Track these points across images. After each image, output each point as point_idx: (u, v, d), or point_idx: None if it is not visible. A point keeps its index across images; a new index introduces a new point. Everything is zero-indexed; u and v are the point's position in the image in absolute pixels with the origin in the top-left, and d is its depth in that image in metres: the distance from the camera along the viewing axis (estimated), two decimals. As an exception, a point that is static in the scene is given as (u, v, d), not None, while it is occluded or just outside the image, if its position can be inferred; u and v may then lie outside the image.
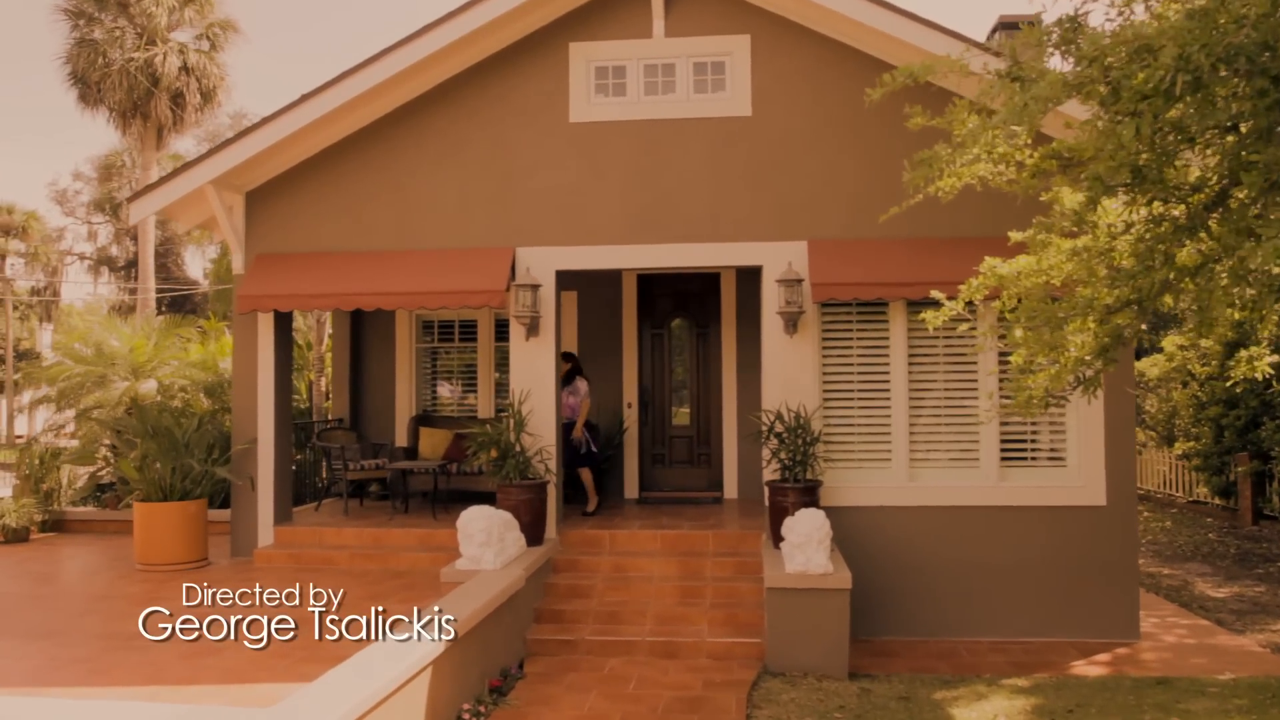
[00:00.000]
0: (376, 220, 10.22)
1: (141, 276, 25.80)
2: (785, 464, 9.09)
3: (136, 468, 9.97)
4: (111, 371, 13.10)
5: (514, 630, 7.98)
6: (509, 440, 9.31)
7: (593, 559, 9.44)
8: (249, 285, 10.05)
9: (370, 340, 13.14)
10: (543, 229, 9.94)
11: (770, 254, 9.64)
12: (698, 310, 12.59)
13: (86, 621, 7.61)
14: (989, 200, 9.39)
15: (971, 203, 9.42)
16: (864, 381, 9.67)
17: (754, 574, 9.17)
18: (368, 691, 5.03)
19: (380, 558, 9.83)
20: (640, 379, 12.54)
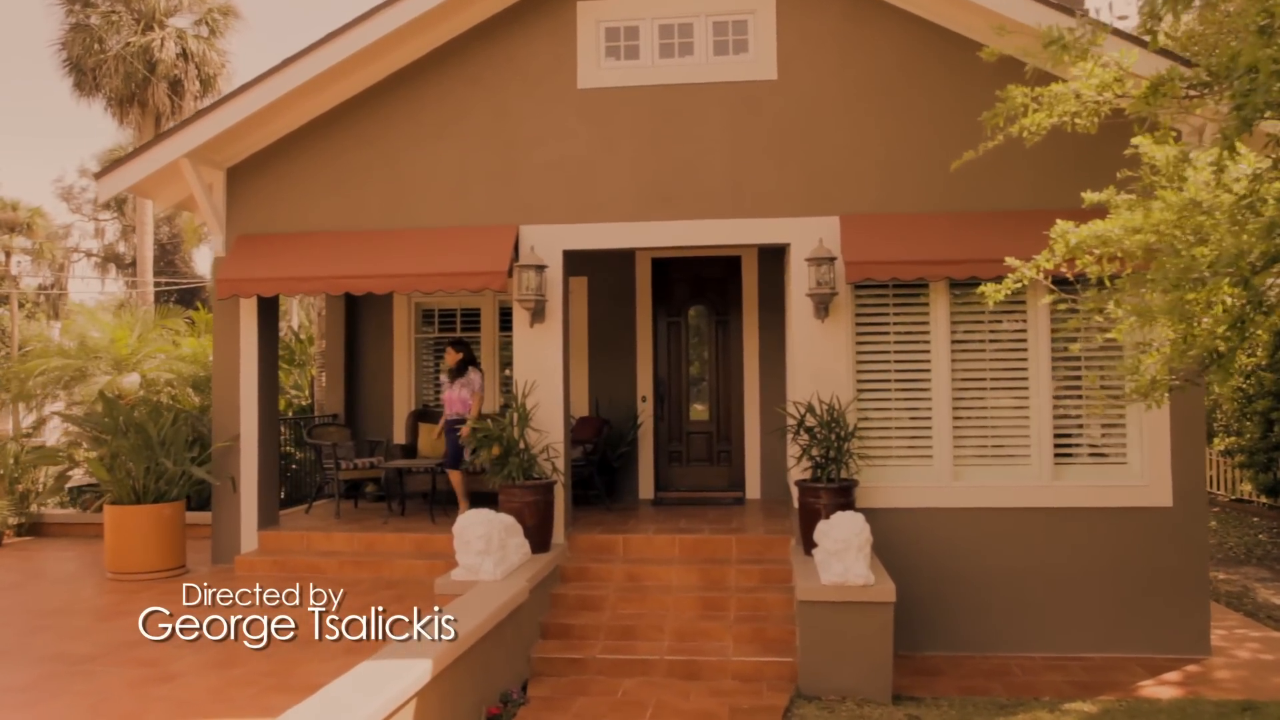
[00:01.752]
0: (368, 197, 9.38)
1: (140, 270, 25.06)
2: (817, 462, 8.21)
3: (106, 467, 9.15)
4: (92, 365, 12.29)
5: (516, 648, 7.13)
6: (512, 436, 8.46)
7: (604, 567, 8.59)
8: (229, 268, 9.22)
9: (366, 330, 12.30)
10: (548, 205, 9.09)
11: (798, 231, 8.76)
12: (717, 296, 11.72)
13: (36, 641, 6.80)
14: (1036, 170, 8.55)
15: (1017, 173, 8.59)
16: (902, 371, 8.79)
17: (783, 583, 8.31)
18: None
19: (372, 565, 9.00)
20: (655, 371, 11.68)
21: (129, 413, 9.12)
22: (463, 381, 9.86)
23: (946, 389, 8.63)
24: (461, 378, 9.87)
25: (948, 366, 8.64)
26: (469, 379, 9.86)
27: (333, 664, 6.09)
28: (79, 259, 50.52)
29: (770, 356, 11.38)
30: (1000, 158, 8.52)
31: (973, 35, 8.49)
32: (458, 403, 9.84)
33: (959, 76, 8.65)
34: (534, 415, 8.76)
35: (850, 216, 8.68)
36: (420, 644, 5.53)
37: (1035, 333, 8.59)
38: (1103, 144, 8.44)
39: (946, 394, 8.63)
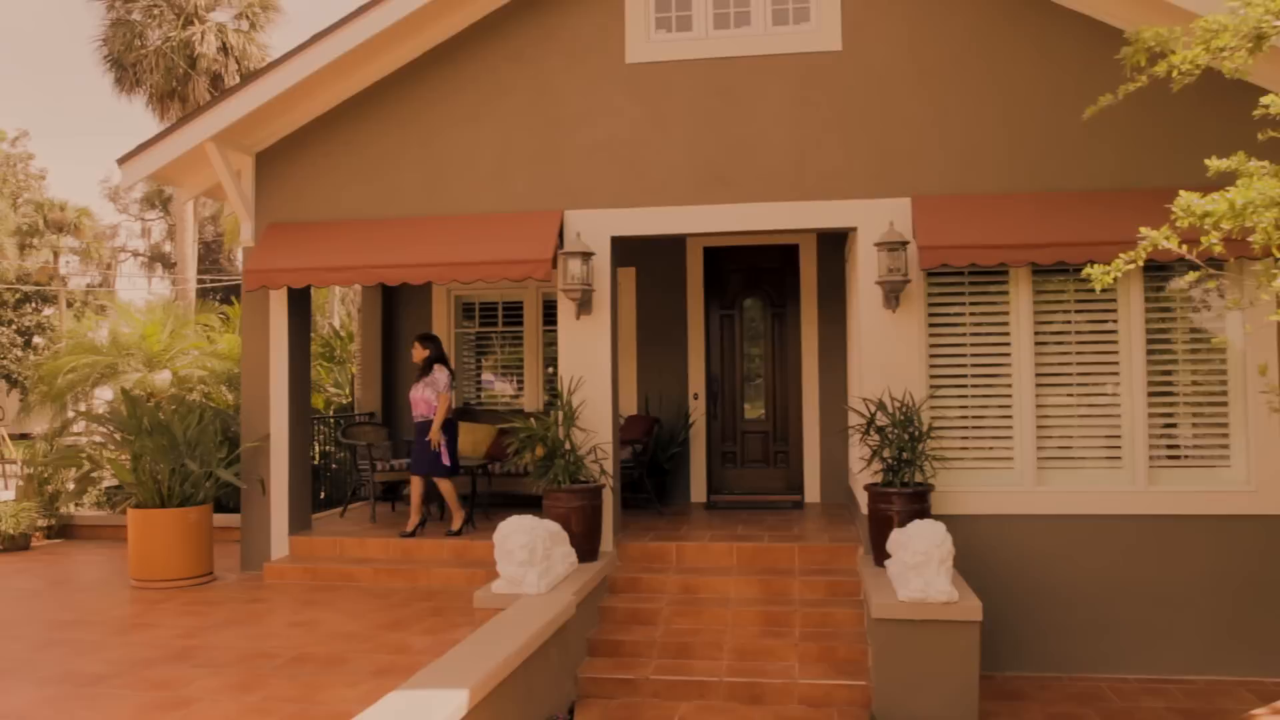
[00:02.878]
0: (403, 182, 8.82)
1: (181, 267, 24.81)
2: (889, 464, 7.52)
3: (130, 469, 8.66)
4: (124, 362, 11.87)
5: (563, 668, 6.52)
6: (556, 436, 7.86)
7: (657, 577, 7.96)
8: (258, 258, 8.70)
9: (404, 325, 11.76)
10: (595, 189, 8.47)
11: (866, 213, 8.07)
12: (773, 287, 11.04)
13: (46, 657, 6.30)
14: (1123, 147, 7.81)
15: (1103, 151, 7.85)
16: (979, 365, 8.08)
17: (850, 597, 7.64)
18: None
19: (408, 574, 8.43)
20: (708, 366, 11.03)
21: (153, 411, 8.62)
22: (428, 380, 9.10)
23: (1029, 385, 7.91)
24: (426, 376, 9.12)
25: (1030, 360, 7.92)
26: (434, 378, 9.09)
27: (360, 688, 5.52)
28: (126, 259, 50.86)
29: (830, 351, 10.70)
30: (1086, 134, 7.85)
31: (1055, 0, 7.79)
32: (422, 404, 9.07)
33: (1039, 46, 7.95)
34: (580, 413, 8.15)
35: (923, 198, 7.98)
36: (457, 669, 4.93)
37: (1127, 323, 7.84)
38: (1193, 119, 7.73)
39: (1029, 390, 7.90)
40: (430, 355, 9.15)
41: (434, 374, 9.08)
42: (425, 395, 9.06)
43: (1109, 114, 7.88)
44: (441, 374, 9.10)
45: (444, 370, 9.15)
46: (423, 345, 9.21)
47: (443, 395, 9.00)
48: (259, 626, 7.01)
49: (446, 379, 9.11)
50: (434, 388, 9.04)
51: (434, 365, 9.12)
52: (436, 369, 9.10)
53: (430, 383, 9.06)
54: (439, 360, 9.19)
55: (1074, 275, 7.96)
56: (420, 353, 9.18)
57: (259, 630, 6.89)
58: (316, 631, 6.84)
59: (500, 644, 5.37)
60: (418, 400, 9.09)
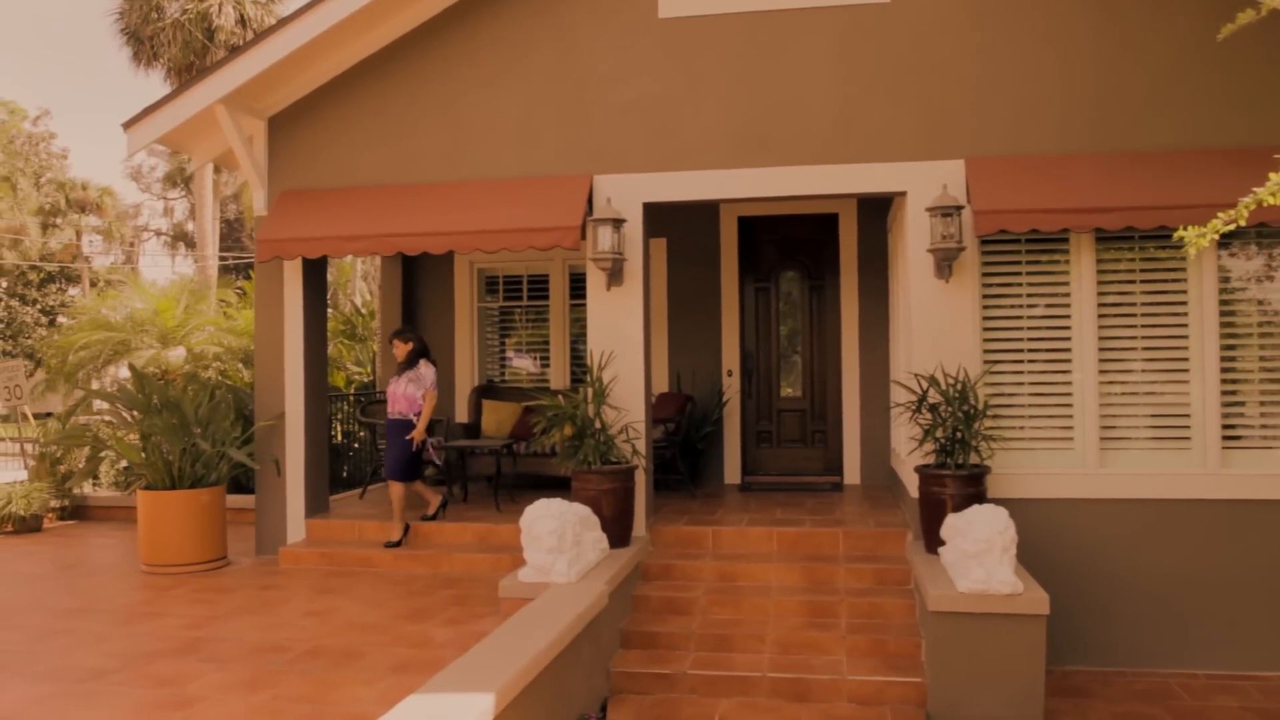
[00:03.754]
0: (423, 147, 8.36)
1: (201, 244, 24.48)
2: (942, 444, 7.02)
3: (139, 449, 8.26)
4: (137, 339, 11.49)
5: (594, 662, 6.08)
6: (586, 414, 7.40)
7: (692, 564, 7.50)
8: (271, 227, 8.27)
9: (425, 299, 11.32)
10: (626, 152, 7.98)
11: (916, 176, 7.54)
12: (810, 259, 10.52)
13: (45, 649, 5.91)
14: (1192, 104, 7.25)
15: (1171, 108, 7.28)
16: (1036, 339, 7.55)
17: (900, 585, 7.16)
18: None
19: (430, 559, 8.01)
20: (742, 342, 10.53)
21: (163, 388, 8.22)
22: (411, 376, 8.42)
23: (1091, 360, 7.38)
24: (410, 371, 8.45)
25: (1093, 334, 7.38)
26: (419, 373, 8.44)
27: (376, 687, 5.10)
28: (149, 238, 50.76)
29: (871, 326, 10.18)
30: (1151, 91, 7.32)
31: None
32: (403, 400, 8.38)
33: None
34: (611, 390, 7.69)
35: (978, 160, 7.44)
36: (482, 668, 4.49)
37: (1199, 294, 7.29)
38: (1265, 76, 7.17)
39: (1091, 366, 7.38)
40: (414, 349, 8.48)
41: (420, 369, 8.44)
42: (408, 391, 8.39)
43: (1177, 70, 7.36)
44: (428, 369, 8.48)
45: (429, 365, 8.54)
46: (404, 340, 8.52)
47: (429, 392, 8.41)
48: (271, 616, 6.60)
49: (432, 374, 8.50)
50: (419, 384, 8.40)
51: (419, 359, 8.49)
52: (423, 364, 8.48)
53: (415, 378, 8.41)
54: (423, 354, 8.55)
55: (1139, 242, 7.43)
56: (403, 347, 8.47)
57: (271, 620, 6.49)
58: (332, 622, 6.43)
59: (529, 640, 4.92)
60: (397, 397, 8.39)
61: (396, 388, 8.42)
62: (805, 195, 7.94)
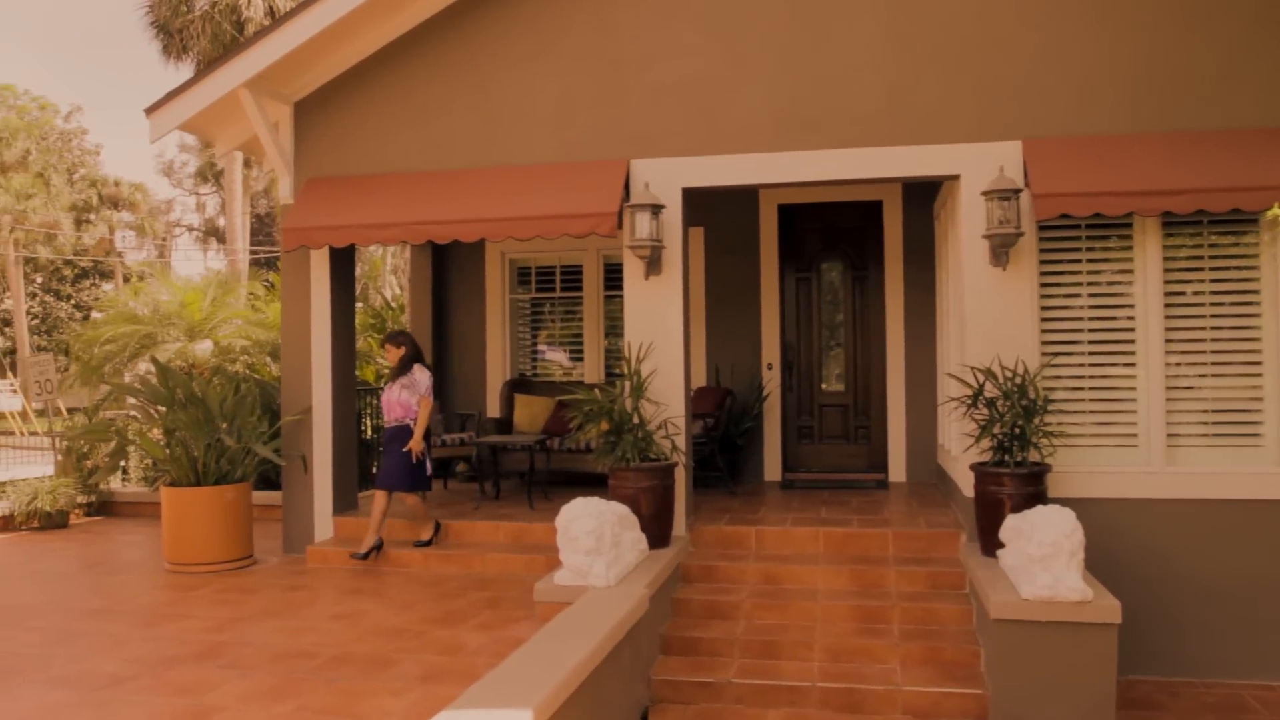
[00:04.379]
0: (454, 131, 8.06)
1: (230, 237, 24.36)
2: (1000, 441, 6.65)
3: (163, 444, 8.03)
4: (163, 332, 11.28)
5: (635, 670, 5.76)
6: (624, 409, 7.08)
7: (735, 565, 7.16)
8: (297, 215, 8.00)
9: (456, 290, 11.04)
10: (664, 135, 7.65)
11: (970, 159, 7.16)
12: (853, 248, 10.14)
13: (62, 652, 5.66)
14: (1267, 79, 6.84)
15: (1245, 84, 6.87)
16: (1097, 329, 7.16)
17: (954, 590, 6.80)
18: None
19: (462, 559, 7.72)
20: (782, 334, 10.17)
21: (186, 382, 7.97)
22: (405, 382, 7.92)
23: (1157, 352, 6.98)
24: (404, 377, 7.95)
25: (1159, 324, 6.98)
26: (414, 378, 7.93)
27: (405, 698, 4.81)
28: (181, 233, 50.98)
29: (917, 318, 9.80)
30: (1223, 66, 6.88)
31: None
32: (399, 408, 7.91)
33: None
34: (649, 384, 7.36)
35: (1037, 141, 7.05)
36: (518, 681, 4.19)
37: (1273, 281, 6.87)
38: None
39: (1157, 358, 6.98)
40: (407, 354, 8.01)
41: (414, 374, 7.93)
42: (403, 398, 7.91)
43: (1251, 44, 6.93)
44: (423, 374, 7.97)
45: (425, 370, 8.02)
46: (395, 344, 8.07)
47: (424, 399, 7.89)
48: (297, 619, 6.33)
49: (429, 380, 8.00)
50: (414, 390, 7.90)
51: (413, 364, 7.99)
52: (416, 369, 7.97)
53: (409, 384, 7.91)
54: (417, 359, 8.05)
55: (1209, 227, 7.02)
56: (395, 353, 8.02)
57: (297, 623, 6.22)
58: (360, 625, 6.15)
59: (568, 649, 4.61)
60: (392, 404, 7.94)
61: (391, 395, 7.95)
62: (852, 180, 7.58)
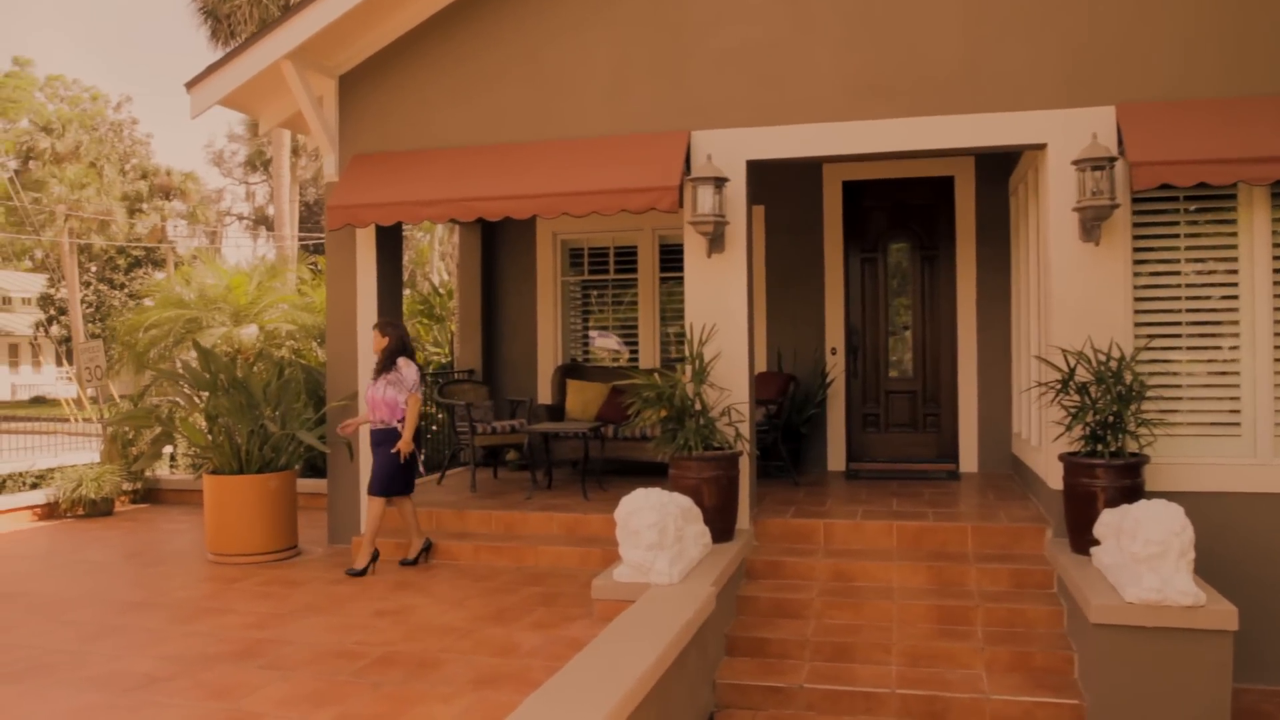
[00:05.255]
0: (504, 104, 7.68)
1: (278, 223, 24.24)
2: (1093, 430, 6.15)
3: (205, 431, 7.75)
4: (208, 316, 11.04)
5: (700, 675, 5.37)
6: (685, 395, 6.66)
7: (803, 561, 6.74)
8: (342, 193, 7.67)
9: (506, 273, 10.67)
10: (727, 105, 7.21)
11: (1057, 126, 6.65)
12: (923, 227, 9.63)
13: (96, 649, 5.38)
14: None
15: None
16: (1196, 309, 6.64)
17: (1041, 590, 6.32)
18: None
19: (513, 552, 7.36)
20: (847, 318, 9.69)
21: (229, 367, 7.68)
22: (391, 378, 7.19)
23: (1265, 334, 6.45)
24: (389, 372, 7.21)
25: (1268, 304, 6.45)
26: (400, 374, 7.19)
27: (456, 705, 4.45)
28: (231, 222, 51.32)
29: (990, 300, 9.27)
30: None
31: None
32: (384, 406, 7.18)
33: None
34: (713, 368, 6.94)
35: (1133, 105, 6.52)
36: (581, 691, 3.81)
37: (1394, 256, 6.30)
38: None
39: (1265, 340, 6.45)
40: (390, 345, 7.26)
41: (399, 369, 7.19)
42: (387, 396, 7.17)
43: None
44: (409, 369, 7.22)
45: (411, 365, 7.27)
46: (382, 333, 7.34)
47: (413, 396, 7.16)
48: (342, 615, 6.00)
49: (416, 375, 7.25)
50: (400, 387, 7.17)
51: (398, 357, 7.24)
52: (401, 363, 7.21)
53: (395, 380, 7.18)
54: (402, 352, 7.28)
55: (1323, 198, 6.46)
56: (380, 342, 7.31)
57: (341, 620, 5.89)
58: (407, 623, 5.80)
59: (633, 655, 4.22)
60: (377, 402, 7.20)
61: (375, 392, 7.23)
62: (925, 152, 7.11)
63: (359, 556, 7.18)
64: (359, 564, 7.13)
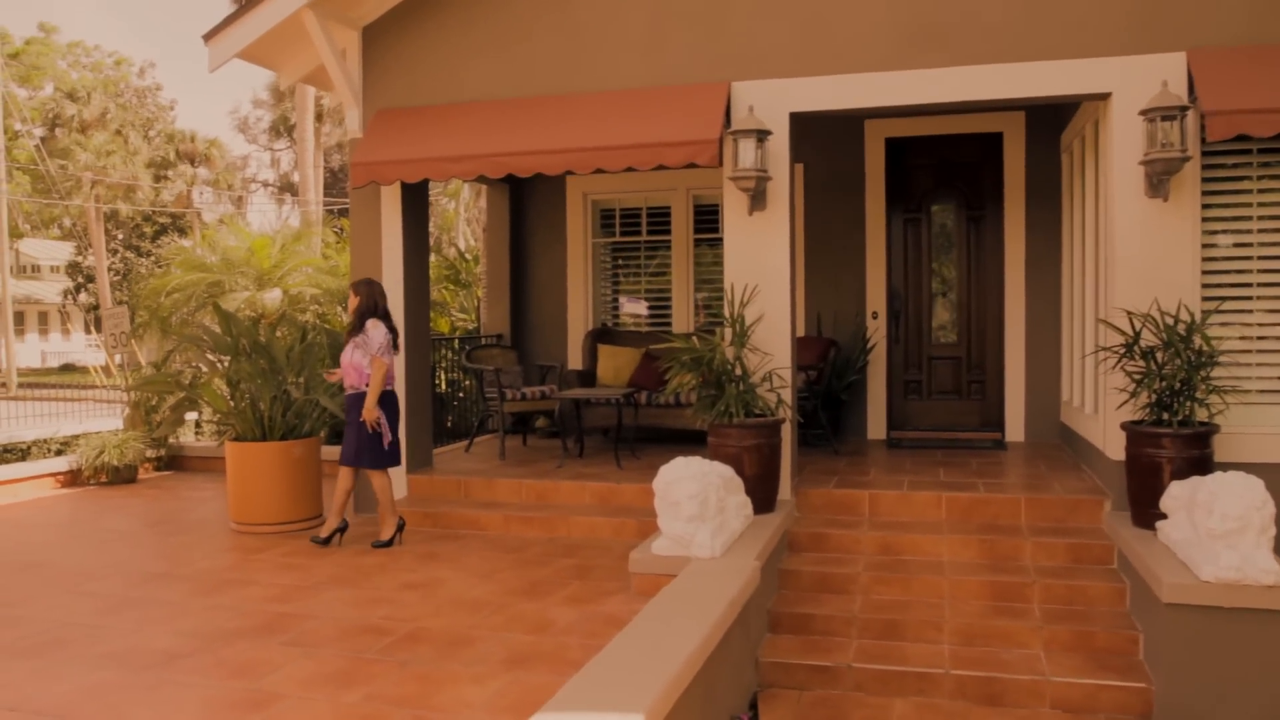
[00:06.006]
0: (535, 55, 7.35)
1: (302, 188, 24.00)
2: (1159, 397, 5.80)
3: (228, 397, 7.51)
4: (231, 280, 10.80)
5: (744, 653, 5.09)
6: (725, 359, 6.35)
7: (847, 533, 6.44)
8: (366, 149, 7.37)
9: (535, 235, 10.36)
10: (769, 54, 6.84)
11: (1122, 73, 6.25)
12: (969, 186, 9.23)
13: (113, 623, 5.16)
14: None
15: None
16: (1270, 269, 6.26)
17: (1100, 565, 6.00)
18: None
19: (544, 522, 7.10)
20: (889, 281, 9.33)
21: (251, 330, 7.43)
22: (358, 340, 6.70)
23: (1344, 295, 6.06)
24: (357, 334, 6.73)
25: (1347, 263, 6.05)
26: (366, 336, 6.66)
27: (489, 686, 4.18)
28: (256, 189, 51.24)
29: (1039, 262, 8.89)
30: None
31: None
32: (353, 371, 6.71)
33: None
34: (753, 332, 6.62)
35: (1205, 50, 6.10)
36: (623, 674, 3.54)
37: None
38: None
39: (1344, 302, 6.06)
40: (361, 305, 6.77)
41: (367, 331, 6.67)
42: (355, 359, 6.70)
43: None
44: (377, 331, 6.66)
45: (380, 326, 6.70)
46: (355, 292, 6.89)
47: (377, 359, 6.59)
48: (368, 588, 5.76)
49: (383, 337, 6.65)
50: (365, 349, 6.66)
51: (367, 320, 6.72)
52: (369, 324, 6.67)
53: (362, 343, 6.67)
54: (373, 313, 6.74)
55: None
56: (352, 301, 6.90)
57: (367, 593, 5.64)
58: (436, 596, 5.55)
59: (678, 636, 3.94)
60: (347, 367, 6.75)
61: (345, 356, 6.77)
62: (983, 103, 6.72)
63: (326, 525, 6.86)
64: (323, 533, 6.80)
